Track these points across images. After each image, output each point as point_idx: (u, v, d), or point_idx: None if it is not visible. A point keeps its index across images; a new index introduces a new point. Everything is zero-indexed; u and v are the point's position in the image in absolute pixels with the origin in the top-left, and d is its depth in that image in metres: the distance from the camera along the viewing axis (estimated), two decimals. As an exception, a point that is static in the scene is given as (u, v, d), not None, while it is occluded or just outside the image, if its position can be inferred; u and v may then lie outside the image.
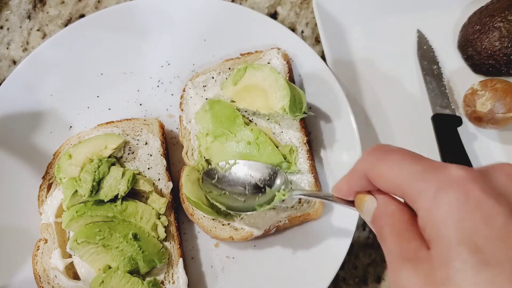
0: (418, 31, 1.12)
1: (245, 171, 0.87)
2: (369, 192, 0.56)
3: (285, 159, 0.91)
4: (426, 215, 0.45)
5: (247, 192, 0.85)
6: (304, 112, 0.91)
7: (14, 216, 0.93)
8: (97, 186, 0.87)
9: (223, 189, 0.86)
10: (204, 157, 0.94)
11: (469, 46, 1.06)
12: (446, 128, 1.00)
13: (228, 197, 0.86)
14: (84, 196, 0.86)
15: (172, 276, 0.88)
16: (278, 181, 0.84)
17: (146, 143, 0.96)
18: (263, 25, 1.05)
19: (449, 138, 0.99)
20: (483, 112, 0.96)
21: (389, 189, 0.52)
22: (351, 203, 0.61)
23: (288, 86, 0.88)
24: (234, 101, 0.96)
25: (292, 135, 0.95)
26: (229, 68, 1.01)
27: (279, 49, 1.01)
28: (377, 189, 0.55)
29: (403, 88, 1.09)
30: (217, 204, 0.85)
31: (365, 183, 0.55)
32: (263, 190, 0.85)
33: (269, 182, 0.85)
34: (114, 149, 0.91)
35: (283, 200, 0.90)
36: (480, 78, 1.08)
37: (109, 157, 0.91)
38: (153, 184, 0.93)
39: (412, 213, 0.50)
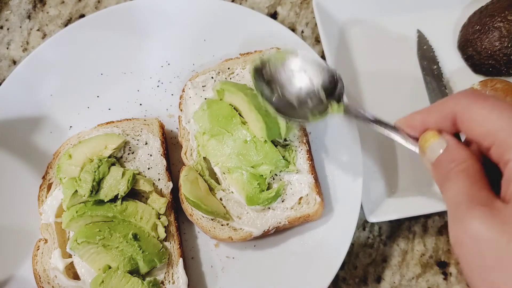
0: (418, 31, 1.12)
1: (300, 68, 0.82)
2: (439, 132, 0.55)
3: (283, 157, 0.91)
4: None
5: (300, 95, 0.81)
6: (285, 139, 0.92)
7: (14, 216, 0.93)
8: (97, 186, 0.87)
9: (274, 89, 0.82)
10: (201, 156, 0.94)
11: (469, 46, 1.06)
12: (446, 128, 1.00)
13: (280, 100, 0.82)
14: (84, 196, 0.86)
15: (172, 276, 0.88)
16: (338, 88, 0.80)
17: (146, 143, 0.96)
18: (263, 25, 1.05)
19: (449, 138, 0.99)
20: (483, 112, 0.96)
21: (479, 134, 0.51)
22: (413, 139, 0.59)
23: (261, 118, 0.87)
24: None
25: (291, 134, 0.94)
26: (229, 68, 1.01)
27: (278, 49, 1.00)
28: (451, 133, 0.54)
29: (403, 88, 1.09)
30: (268, 107, 0.81)
31: (447, 123, 0.54)
32: (317, 94, 0.80)
33: (327, 87, 0.80)
34: (114, 149, 0.91)
35: (282, 201, 0.90)
36: (480, 78, 1.08)
37: (109, 157, 0.91)
38: (153, 184, 0.93)
39: (482, 167, 0.50)
